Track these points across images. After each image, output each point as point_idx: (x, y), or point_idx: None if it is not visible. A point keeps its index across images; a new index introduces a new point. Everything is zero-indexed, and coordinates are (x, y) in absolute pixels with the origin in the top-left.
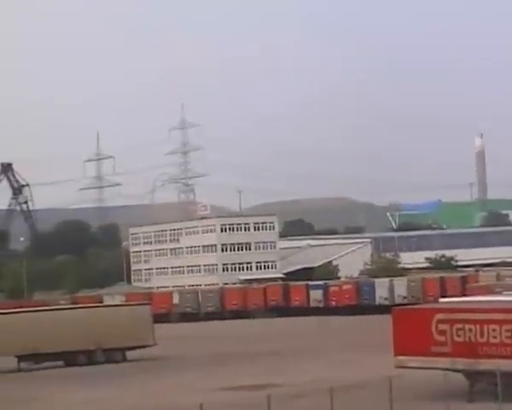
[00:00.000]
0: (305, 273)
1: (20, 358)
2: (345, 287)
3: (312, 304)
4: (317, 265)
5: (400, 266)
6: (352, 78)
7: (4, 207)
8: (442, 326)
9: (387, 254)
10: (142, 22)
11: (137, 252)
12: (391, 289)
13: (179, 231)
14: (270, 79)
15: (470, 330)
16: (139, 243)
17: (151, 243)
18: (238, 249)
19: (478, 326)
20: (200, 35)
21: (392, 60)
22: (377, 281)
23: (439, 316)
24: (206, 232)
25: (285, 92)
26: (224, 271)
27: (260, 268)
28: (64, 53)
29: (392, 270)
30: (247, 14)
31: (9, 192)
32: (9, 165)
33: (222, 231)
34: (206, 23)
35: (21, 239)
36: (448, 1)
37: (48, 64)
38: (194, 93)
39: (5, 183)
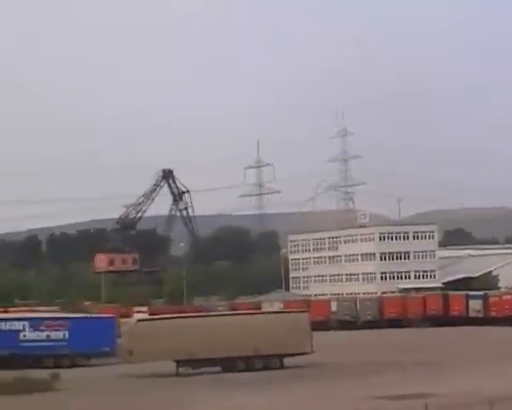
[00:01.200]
0: (465, 283)
1: (179, 363)
2: (505, 297)
3: (471, 314)
4: (476, 275)
5: None
6: None
7: (165, 213)
8: None
9: None
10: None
11: (296, 259)
12: None
13: (338, 239)
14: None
15: None
16: (298, 251)
17: (310, 250)
18: (397, 258)
19: None
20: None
21: None
22: None
23: None
24: (365, 241)
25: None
26: (382, 279)
27: (419, 277)
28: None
29: None
30: None
31: (170, 198)
32: (170, 171)
33: (381, 239)
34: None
35: (181, 245)
36: None
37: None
38: (353, 102)
39: (166, 189)
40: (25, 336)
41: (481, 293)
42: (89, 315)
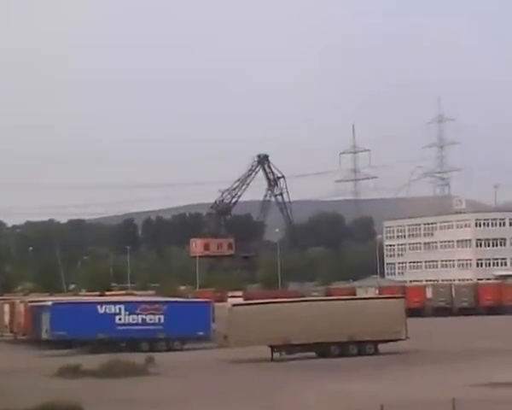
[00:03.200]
0: None
1: (274, 348)
2: None
3: None
4: None
5: None
6: None
7: (260, 198)
8: None
9: None
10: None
11: (391, 245)
12: None
13: (433, 225)
14: None
15: None
16: (393, 237)
17: (405, 236)
18: (493, 245)
19: None
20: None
21: None
22: None
23: None
24: (461, 227)
25: None
26: (478, 266)
27: None
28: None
29: None
30: None
31: (265, 183)
32: (266, 157)
33: (477, 225)
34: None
35: (276, 230)
36: None
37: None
38: (448, 88)
39: (261, 174)
40: (120, 319)
41: None
42: (184, 299)
